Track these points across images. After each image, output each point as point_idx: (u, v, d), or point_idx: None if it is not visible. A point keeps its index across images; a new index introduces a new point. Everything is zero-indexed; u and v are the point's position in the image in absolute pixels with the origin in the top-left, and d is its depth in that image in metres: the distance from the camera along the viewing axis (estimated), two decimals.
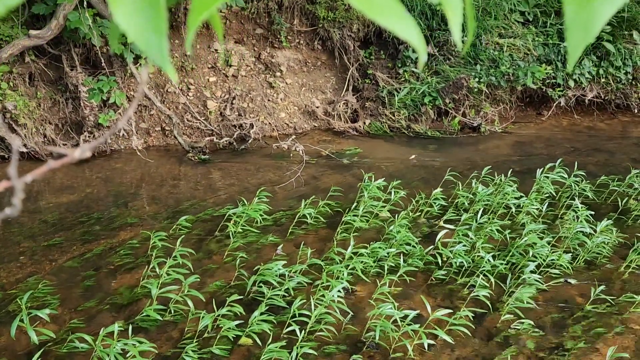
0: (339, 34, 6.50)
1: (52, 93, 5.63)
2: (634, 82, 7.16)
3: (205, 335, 2.93)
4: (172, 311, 3.09)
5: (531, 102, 7.53)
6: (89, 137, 5.56)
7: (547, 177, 4.67)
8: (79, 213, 4.41)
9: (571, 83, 6.69)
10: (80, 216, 4.35)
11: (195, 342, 2.85)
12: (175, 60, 6.07)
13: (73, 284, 3.43)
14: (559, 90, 6.70)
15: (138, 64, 5.74)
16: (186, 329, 2.98)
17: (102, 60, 5.39)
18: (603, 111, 7.56)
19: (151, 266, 3.35)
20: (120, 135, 5.74)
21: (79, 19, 5.02)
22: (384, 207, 4.34)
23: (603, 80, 6.91)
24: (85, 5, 5.00)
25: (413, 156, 5.79)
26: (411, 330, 2.83)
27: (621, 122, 7.40)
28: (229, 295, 3.07)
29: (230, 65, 6.33)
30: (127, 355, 2.47)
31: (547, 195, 4.64)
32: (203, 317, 2.88)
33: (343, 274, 3.28)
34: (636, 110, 7.51)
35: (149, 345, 2.59)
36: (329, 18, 6.38)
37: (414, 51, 6.41)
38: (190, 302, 2.99)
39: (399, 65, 6.52)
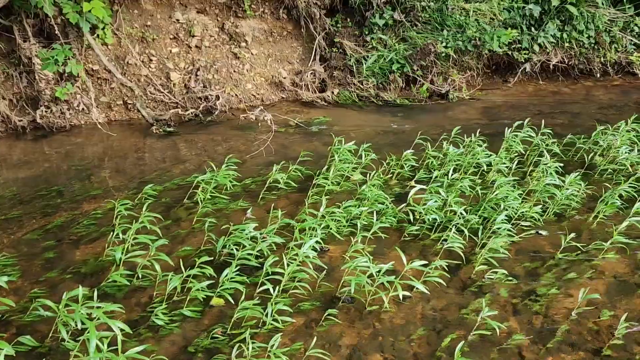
0: (305, 1, 6.36)
1: (5, 67, 5.34)
2: (596, 47, 7.27)
3: (175, 298, 2.83)
4: (140, 276, 2.98)
5: (497, 70, 7.59)
6: (45, 112, 5.32)
7: (516, 136, 4.69)
8: (37, 187, 4.21)
9: (536, 48, 6.75)
10: (40, 190, 4.16)
11: (165, 304, 2.75)
12: (135, 30, 5.84)
13: (34, 256, 3.27)
14: (524, 53, 6.74)
15: (95, 35, 5.49)
16: (155, 293, 2.87)
17: (56, 30, 5.12)
18: (567, 77, 7.67)
19: (116, 233, 3.21)
20: (80, 110, 5.50)
21: None
22: (356, 169, 4.29)
23: (567, 44, 6.99)
24: None
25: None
26: (386, 281, 2.80)
27: (585, 87, 7.52)
28: (198, 259, 2.97)
29: (193, 36, 6.13)
30: (92, 317, 2.36)
31: (516, 154, 4.67)
32: (171, 279, 2.77)
33: (316, 231, 3.22)
34: (598, 75, 7.64)
35: (116, 306, 2.48)
36: None
37: (380, 17, 6.34)
38: (157, 266, 2.88)
39: (366, 33, 6.44)
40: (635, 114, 5.26)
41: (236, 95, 6.24)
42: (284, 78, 6.52)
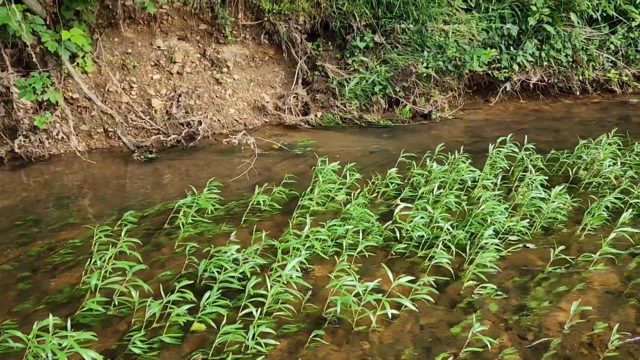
0: (285, 26, 6.41)
1: None
2: (574, 65, 7.39)
3: (154, 325, 2.71)
4: (117, 303, 2.86)
5: (478, 90, 7.66)
6: (24, 141, 5.22)
7: (500, 152, 4.69)
8: (13, 217, 4.09)
9: (515, 67, 6.83)
10: (16, 219, 4.03)
11: (143, 332, 2.63)
12: (115, 58, 5.81)
13: (6, 287, 3.13)
14: (504, 71, 6.82)
15: (75, 63, 5.45)
16: (133, 321, 2.75)
17: (34, 58, 5.06)
18: (547, 95, 7.76)
19: (93, 260, 3.10)
20: (59, 139, 5.40)
21: (7, 14, 4.71)
22: (340, 189, 4.24)
23: (545, 63, 7.09)
24: (12, 0, 4.69)
25: None
26: (374, 300, 2.71)
27: (565, 105, 7.61)
28: (179, 283, 2.86)
29: (175, 62, 6.11)
30: (64, 347, 2.23)
31: (501, 170, 4.65)
32: (150, 305, 2.66)
33: (300, 252, 3.14)
34: (578, 93, 7.75)
35: (89, 334, 2.36)
36: (274, 11, 6.28)
37: (361, 40, 6.39)
38: (134, 292, 2.77)
39: (347, 56, 6.48)
40: (616, 129, 5.30)
41: (218, 120, 6.20)
42: (267, 102, 6.51)
